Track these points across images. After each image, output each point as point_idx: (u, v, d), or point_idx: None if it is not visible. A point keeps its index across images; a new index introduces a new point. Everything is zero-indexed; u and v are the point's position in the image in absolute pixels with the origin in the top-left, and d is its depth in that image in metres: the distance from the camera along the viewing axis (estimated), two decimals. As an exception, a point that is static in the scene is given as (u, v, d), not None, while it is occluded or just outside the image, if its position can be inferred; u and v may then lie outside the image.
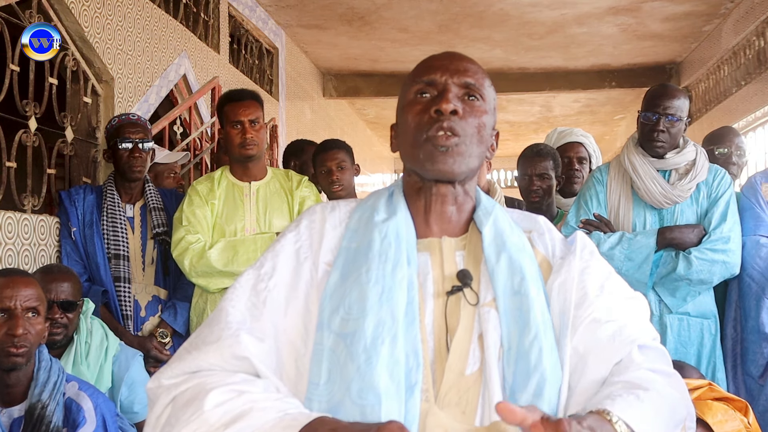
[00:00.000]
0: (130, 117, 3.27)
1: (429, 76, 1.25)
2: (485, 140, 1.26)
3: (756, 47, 6.44)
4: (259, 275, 1.22)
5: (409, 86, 1.28)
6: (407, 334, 1.14)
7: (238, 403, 1.05)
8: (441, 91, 1.24)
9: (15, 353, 2.06)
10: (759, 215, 2.92)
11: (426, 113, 1.23)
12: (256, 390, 1.08)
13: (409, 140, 1.25)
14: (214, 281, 2.97)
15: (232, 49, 6.09)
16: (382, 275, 1.17)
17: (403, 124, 1.27)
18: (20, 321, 2.07)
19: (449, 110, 1.21)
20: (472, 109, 1.24)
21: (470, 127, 1.22)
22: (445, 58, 1.28)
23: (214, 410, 1.05)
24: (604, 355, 1.16)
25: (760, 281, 2.84)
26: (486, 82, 1.28)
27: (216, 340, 1.14)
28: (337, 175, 3.37)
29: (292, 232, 1.27)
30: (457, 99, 1.23)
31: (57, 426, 2.06)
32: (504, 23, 6.94)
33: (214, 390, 1.07)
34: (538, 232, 1.30)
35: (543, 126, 11.46)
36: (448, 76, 1.24)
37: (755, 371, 2.86)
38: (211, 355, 1.12)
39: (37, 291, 2.15)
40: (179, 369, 1.13)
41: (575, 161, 3.60)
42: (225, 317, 1.17)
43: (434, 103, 1.22)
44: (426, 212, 1.27)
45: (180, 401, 1.09)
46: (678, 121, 2.81)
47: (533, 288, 1.19)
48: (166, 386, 1.13)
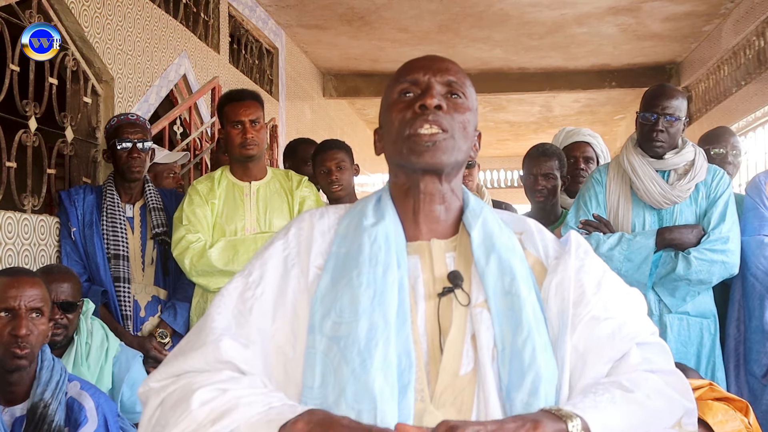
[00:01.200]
0: (129, 117, 3.27)
1: (412, 76, 1.27)
2: (470, 137, 1.28)
3: (756, 47, 6.44)
4: (247, 283, 1.23)
5: (393, 87, 1.29)
6: (399, 336, 1.15)
7: (224, 400, 1.07)
8: (425, 89, 1.25)
9: (19, 354, 2.05)
10: (763, 215, 2.93)
11: (410, 109, 1.24)
12: (241, 386, 1.10)
13: (393, 137, 1.26)
14: (215, 280, 2.97)
15: (232, 49, 6.09)
16: (373, 279, 1.17)
17: (388, 123, 1.28)
18: (24, 321, 2.06)
19: (434, 105, 1.22)
20: (456, 106, 1.26)
21: (455, 122, 1.24)
22: (427, 59, 1.30)
23: (200, 408, 1.07)
24: (603, 353, 1.17)
25: (764, 281, 2.85)
26: (467, 82, 1.30)
27: (201, 346, 1.16)
28: (337, 175, 3.37)
29: (280, 240, 1.28)
30: (441, 96, 1.25)
31: (59, 425, 2.07)
32: (504, 23, 6.94)
33: (200, 389, 1.09)
34: (528, 233, 1.31)
35: (543, 126, 11.46)
36: (431, 75, 1.26)
37: (758, 371, 2.86)
38: (196, 360, 1.15)
39: (42, 291, 2.14)
40: (166, 372, 1.16)
41: (581, 161, 3.59)
42: (210, 323, 1.19)
43: (418, 100, 1.24)
44: (415, 213, 1.27)
45: (168, 403, 1.12)
46: (677, 120, 2.82)
47: (524, 288, 1.20)
48: (155, 389, 1.15)
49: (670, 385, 1.17)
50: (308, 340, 1.16)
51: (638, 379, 1.14)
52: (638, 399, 1.11)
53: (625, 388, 1.12)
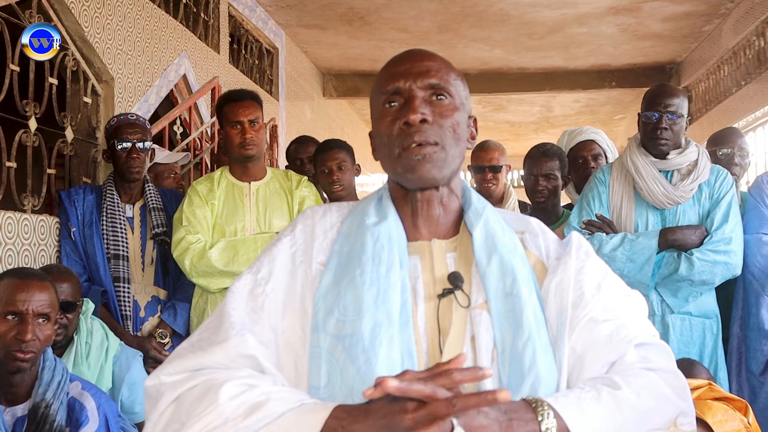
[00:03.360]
0: (128, 117, 3.26)
1: (393, 85, 1.24)
2: (462, 137, 1.25)
3: (756, 47, 6.44)
4: (256, 280, 1.22)
5: (377, 97, 1.27)
6: (402, 336, 1.14)
7: (254, 395, 1.05)
8: (407, 99, 1.22)
9: (22, 358, 2.04)
10: (763, 213, 2.94)
11: (396, 124, 1.22)
12: (266, 383, 1.08)
13: (385, 153, 1.25)
14: (215, 281, 2.97)
15: (232, 49, 6.09)
16: (376, 277, 1.17)
17: (378, 135, 1.27)
18: (30, 327, 2.05)
19: (417, 120, 1.20)
20: (442, 109, 1.22)
21: (444, 130, 1.21)
22: (407, 62, 1.26)
23: (229, 402, 1.04)
24: (601, 354, 1.16)
25: (760, 278, 2.87)
26: (452, 76, 1.26)
27: (223, 340, 1.13)
28: (338, 175, 3.37)
29: (287, 236, 1.27)
30: (425, 103, 1.21)
31: (60, 425, 2.06)
32: (504, 23, 6.94)
33: (227, 383, 1.06)
34: (530, 233, 1.30)
35: (543, 126, 11.47)
36: (412, 82, 1.22)
37: (756, 368, 2.89)
38: (217, 355, 1.12)
39: (50, 297, 2.13)
40: (180, 366, 1.13)
41: (590, 159, 3.55)
42: (228, 318, 1.17)
43: (402, 114, 1.21)
44: (414, 216, 1.27)
45: (188, 397, 1.08)
46: (679, 118, 2.82)
47: (525, 289, 1.19)
48: (169, 383, 1.12)
49: (667, 383, 1.15)
50: (312, 339, 1.15)
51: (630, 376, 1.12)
52: (626, 397, 1.09)
53: (614, 385, 1.10)
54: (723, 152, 3.39)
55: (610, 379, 1.11)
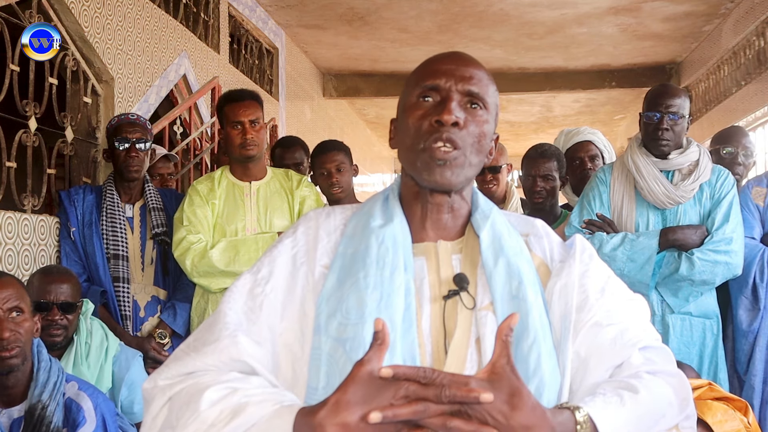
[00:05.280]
0: (129, 117, 3.26)
1: (433, 81, 1.23)
2: (484, 149, 1.25)
3: (756, 47, 6.44)
4: (256, 280, 1.22)
5: (413, 88, 1.26)
6: (404, 340, 1.14)
7: (234, 400, 1.05)
8: (444, 98, 1.21)
9: (7, 356, 2.04)
10: (745, 217, 2.96)
11: (426, 120, 1.21)
12: (250, 386, 1.08)
13: (407, 145, 1.24)
14: (216, 281, 2.97)
15: (232, 49, 6.09)
16: (380, 281, 1.16)
17: (403, 125, 1.26)
18: (4, 324, 2.04)
19: (450, 122, 1.19)
20: (474, 118, 1.22)
21: (470, 137, 1.21)
22: (451, 62, 1.26)
23: (210, 409, 1.05)
24: (605, 358, 1.16)
25: (739, 280, 2.91)
26: (491, 88, 1.25)
27: (214, 341, 1.14)
28: (337, 177, 3.37)
29: (289, 237, 1.27)
30: (459, 107, 1.21)
31: (57, 426, 2.06)
32: (504, 23, 6.94)
33: (209, 389, 1.07)
34: (535, 235, 1.30)
35: (543, 126, 11.47)
36: (453, 83, 1.22)
37: (739, 367, 2.95)
38: (209, 357, 1.12)
39: (15, 289, 2.10)
40: (176, 370, 1.13)
41: (587, 160, 3.56)
42: (223, 319, 1.17)
43: (436, 112, 1.20)
44: (422, 218, 1.26)
45: (176, 402, 1.09)
46: (680, 118, 2.82)
47: (531, 292, 1.19)
48: (162, 387, 1.13)
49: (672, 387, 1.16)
50: (313, 341, 1.15)
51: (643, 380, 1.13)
52: (644, 400, 1.10)
53: (632, 388, 1.10)
54: (727, 151, 3.39)
55: (628, 383, 1.11)
